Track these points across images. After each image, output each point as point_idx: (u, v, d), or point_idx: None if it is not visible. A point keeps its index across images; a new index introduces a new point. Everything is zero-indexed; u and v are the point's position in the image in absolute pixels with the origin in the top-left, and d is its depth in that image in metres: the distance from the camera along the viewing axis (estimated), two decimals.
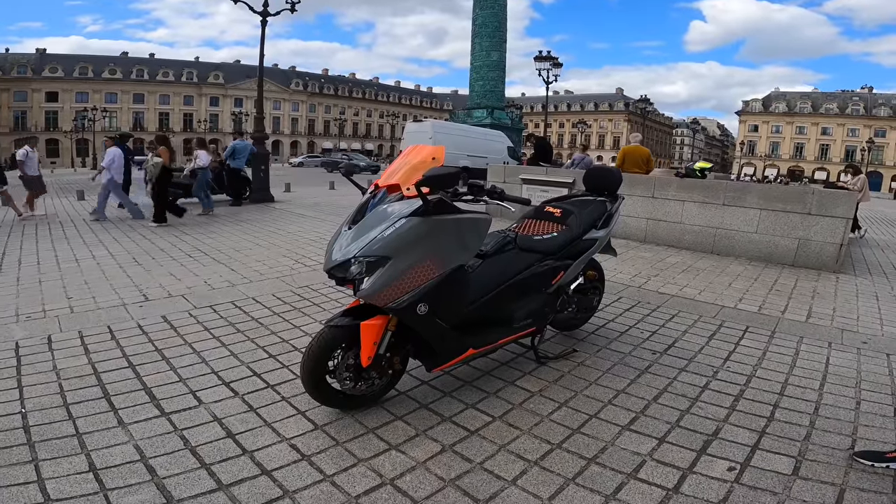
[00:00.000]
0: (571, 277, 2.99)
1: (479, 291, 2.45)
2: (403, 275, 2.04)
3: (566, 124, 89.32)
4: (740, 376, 3.04)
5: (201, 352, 3.15)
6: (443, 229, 2.12)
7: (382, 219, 2.09)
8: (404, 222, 2.05)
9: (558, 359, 3.13)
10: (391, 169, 2.29)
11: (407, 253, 2.05)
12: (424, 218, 2.06)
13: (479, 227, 2.27)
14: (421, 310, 2.17)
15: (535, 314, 2.75)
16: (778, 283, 5.39)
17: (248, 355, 3.12)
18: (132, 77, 66.85)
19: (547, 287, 2.79)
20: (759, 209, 6.43)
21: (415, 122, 22.46)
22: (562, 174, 8.31)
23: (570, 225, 2.93)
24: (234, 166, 10.57)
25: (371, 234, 2.05)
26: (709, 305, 4.45)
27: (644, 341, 3.54)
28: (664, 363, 3.19)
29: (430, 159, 2.19)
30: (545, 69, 22.11)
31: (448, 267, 2.17)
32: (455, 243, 2.18)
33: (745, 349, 3.48)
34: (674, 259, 6.24)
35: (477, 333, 2.48)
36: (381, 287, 2.04)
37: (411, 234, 2.05)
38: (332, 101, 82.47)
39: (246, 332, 3.50)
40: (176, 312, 3.85)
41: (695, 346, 3.49)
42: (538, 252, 2.72)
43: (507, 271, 2.57)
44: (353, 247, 2.06)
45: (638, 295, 4.66)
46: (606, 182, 3.37)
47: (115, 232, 7.38)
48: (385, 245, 2.03)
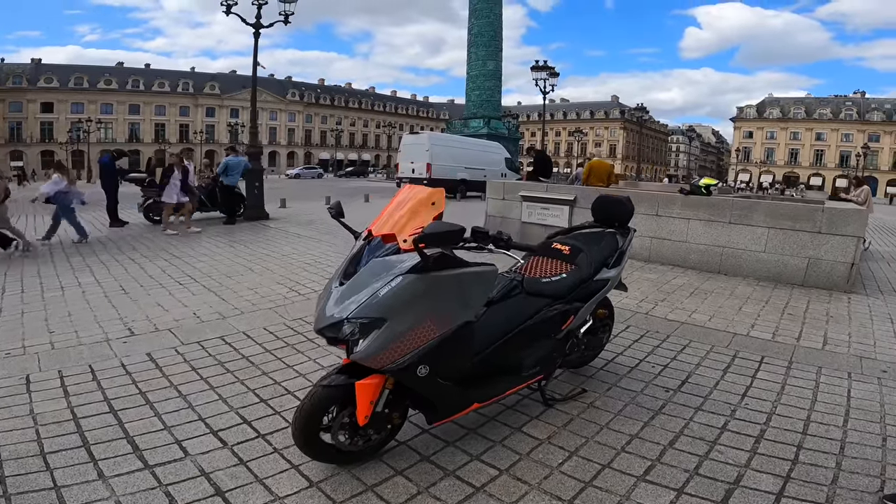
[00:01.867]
0: (582, 320, 2.81)
1: (484, 341, 2.27)
2: (401, 337, 1.87)
3: (563, 133, 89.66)
4: (760, 414, 2.88)
5: (188, 395, 2.95)
6: (444, 286, 1.94)
7: (377, 275, 1.91)
8: (401, 280, 1.87)
9: (566, 400, 2.94)
10: (386, 213, 2.10)
11: (404, 314, 1.87)
12: (423, 275, 1.88)
13: (485, 281, 2.09)
14: (421, 371, 2.00)
15: (543, 361, 2.57)
16: (790, 305, 5.22)
17: (238, 399, 2.93)
18: (128, 87, 66.88)
19: (556, 333, 2.61)
20: (767, 227, 6.27)
21: (412, 134, 22.37)
22: (563, 191, 8.13)
23: (579, 265, 2.75)
24: (227, 183, 10.37)
25: (365, 292, 1.88)
26: (721, 333, 4.27)
27: (656, 377, 3.36)
28: (679, 402, 3.02)
29: (430, 204, 2.01)
30: (542, 79, 22.06)
31: (451, 326, 2.00)
32: (458, 300, 2.00)
33: (762, 383, 3.32)
34: (680, 280, 6.06)
35: (482, 386, 2.30)
36: (377, 350, 1.87)
37: (409, 293, 1.87)
38: (329, 111, 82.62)
39: (236, 373, 3.30)
40: (162, 349, 3.64)
41: (709, 381, 3.31)
42: (546, 296, 2.54)
43: (514, 318, 2.39)
44: (346, 306, 1.88)
45: (646, 323, 4.47)
46: (617, 213, 3.18)
47: (104, 255, 7.16)
48: (380, 306, 1.85)
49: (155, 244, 7.97)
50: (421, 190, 2.13)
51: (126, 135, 66.90)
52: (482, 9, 31.09)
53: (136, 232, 9.33)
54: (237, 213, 10.88)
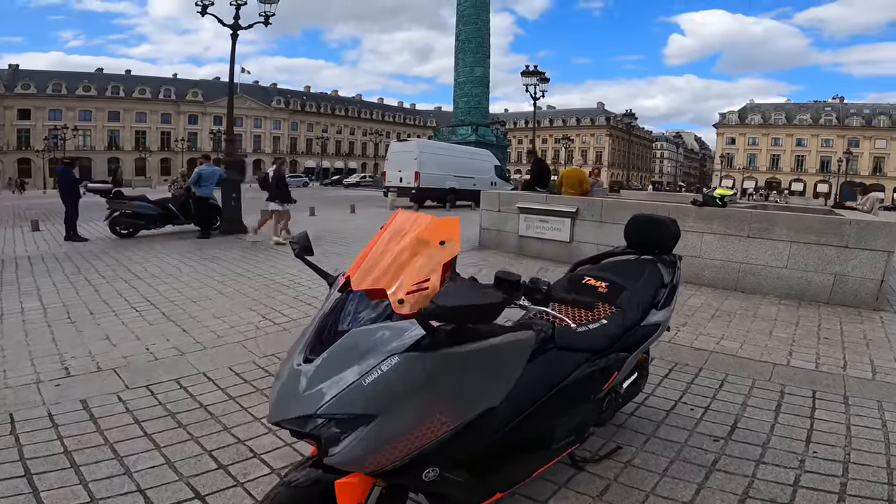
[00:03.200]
0: (626, 374, 2.22)
1: (507, 415, 1.64)
2: (398, 436, 1.28)
3: (549, 140, 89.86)
4: (834, 464, 2.42)
5: (126, 457, 2.37)
6: (458, 367, 1.33)
7: (361, 352, 1.29)
8: (397, 363, 1.25)
9: (600, 461, 2.37)
10: (373, 252, 1.46)
11: (403, 408, 1.27)
12: (428, 355, 1.28)
13: (517, 354, 1.49)
14: (428, 476, 1.40)
15: (579, 428, 1.99)
16: (822, 327, 4.72)
17: (189, 465, 2.33)
18: (107, 94, 65.10)
19: (596, 393, 2.02)
20: (789, 241, 5.77)
21: (399, 142, 21.73)
22: (564, 203, 7.59)
23: (623, 307, 2.15)
24: (200, 194, 9.62)
25: (343, 377, 1.26)
26: (758, 364, 3.74)
27: (698, 422, 2.82)
28: (733, 453, 2.50)
29: (437, 244, 1.33)
30: (532, 84, 21.67)
31: (467, 416, 1.39)
32: (478, 382, 1.39)
33: (823, 424, 2.84)
34: (697, 300, 5.53)
35: (504, 469, 1.70)
36: (363, 454, 1.26)
37: (408, 381, 1.26)
38: (315, 118, 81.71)
39: (189, 427, 2.67)
40: (100, 395, 3.02)
41: (763, 426, 2.80)
42: (583, 350, 1.93)
43: (545, 382, 1.77)
44: (314, 396, 1.26)
45: (671, 353, 3.90)
46: (659, 236, 2.57)
47: (58, 275, 6.41)
48: (366, 399, 1.24)
49: (118, 262, 7.23)
50: (423, 220, 1.46)
51: (105, 142, 65.27)
52: (470, 15, 30.82)
53: (99, 248, 8.58)
54: (212, 226, 10.16)
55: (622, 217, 6.85)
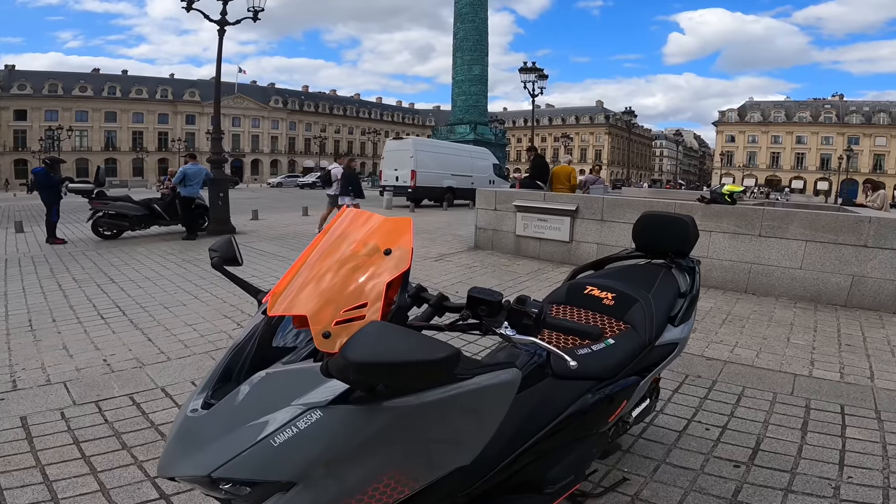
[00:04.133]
0: (637, 400, 1.86)
1: (492, 457, 1.28)
2: None
3: (548, 138, 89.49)
4: (873, 490, 2.11)
5: (56, 481, 2.11)
6: (409, 422, 0.98)
7: (273, 402, 0.94)
8: (318, 420, 0.90)
9: (604, 494, 2.02)
10: (302, 268, 1.09)
11: (330, 475, 0.92)
12: (364, 408, 0.92)
13: (493, 401, 1.11)
14: None
15: (579, 467, 1.60)
16: (843, 333, 4.38)
17: (127, 493, 2.03)
18: (104, 94, 64.73)
19: (601, 426, 1.65)
20: (804, 241, 5.41)
21: (395, 140, 21.36)
22: (563, 200, 7.23)
23: (633, 323, 1.77)
24: (185, 194, 9.24)
25: (245, 433, 0.92)
26: (778, 375, 3.40)
27: (716, 445, 2.47)
28: (757, 481, 2.17)
29: (382, 254, 1.01)
30: (530, 81, 21.31)
31: (430, 478, 1.04)
32: (442, 439, 1.04)
33: (855, 443, 2.51)
34: (706, 303, 5.16)
35: None
36: None
37: (335, 442, 0.91)
38: (313, 118, 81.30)
39: (135, 450, 2.36)
40: (44, 412, 2.73)
41: (789, 448, 2.46)
42: (585, 378, 1.54)
43: (539, 418, 1.40)
44: (209, 455, 0.91)
45: (683, 364, 3.53)
46: (673, 238, 2.17)
47: (30, 278, 6.07)
48: (277, 464, 0.89)
49: (95, 265, 6.88)
50: (370, 221, 1.12)
51: (102, 143, 64.93)
52: (468, 13, 30.54)
53: (79, 250, 8.23)
54: (200, 226, 9.80)
55: (625, 215, 6.54)
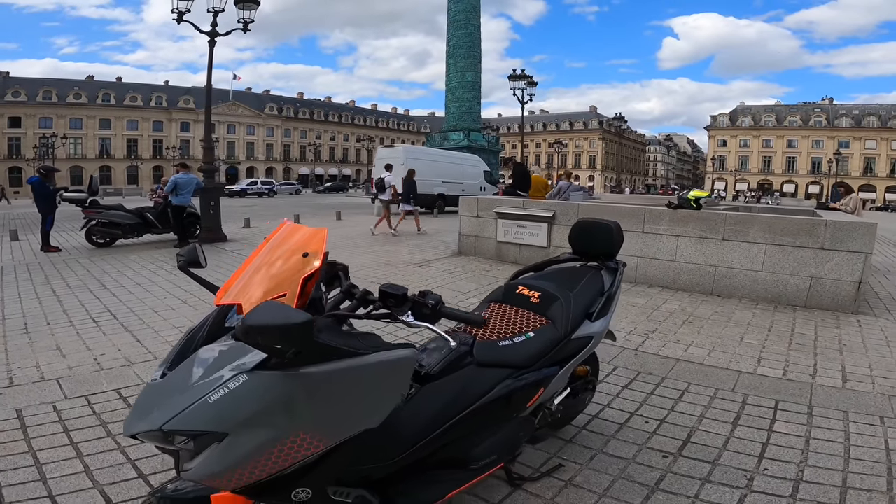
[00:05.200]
0: (557, 389, 2.10)
1: (417, 431, 1.56)
2: (255, 455, 1.19)
3: (543, 144, 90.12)
4: (784, 483, 2.29)
5: (45, 464, 2.36)
6: (321, 387, 1.24)
7: (211, 369, 1.21)
8: (243, 382, 1.17)
9: (540, 478, 2.26)
10: (246, 268, 1.39)
11: (255, 427, 1.18)
12: (280, 374, 1.19)
13: (393, 374, 1.37)
14: (298, 496, 1.32)
15: (502, 447, 1.86)
16: (796, 333, 4.63)
17: (108, 474, 2.28)
18: (98, 101, 64.70)
19: (520, 411, 1.91)
20: (765, 244, 5.70)
21: (386, 147, 21.68)
22: (541, 207, 7.50)
23: (553, 318, 2.04)
24: (176, 203, 9.47)
25: (189, 393, 1.18)
26: (723, 372, 3.64)
27: (651, 437, 2.70)
28: (680, 471, 2.37)
29: (300, 255, 1.29)
30: (520, 88, 21.65)
31: (339, 438, 1.30)
32: (349, 404, 1.29)
33: (781, 437, 2.71)
34: (671, 305, 5.44)
35: (411, 490, 1.60)
36: (218, 471, 1.18)
37: (257, 400, 1.17)
38: (308, 125, 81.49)
39: (118, 437, 2.60)
40: (37, 405, 2.98)
41: (717, 440, 2.68)
42: (505, 366, 1.82)
43: (461, 399, 1.66)
44: (161, 411, 1.18)
45: (636, 362, 3.80)
46: (601, 242, 2.48)
47: (25, 284, 6.28)
48: (212, 417, 1.15)
49: (88, 272, 7.10)
50: (296, 231, 1.42)
51: (97, 150, 64.85)
52: (461, 20, 30.88)
53: (73, 257, 8.43)
54: (192, 234, 10.01)
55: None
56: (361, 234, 11.66)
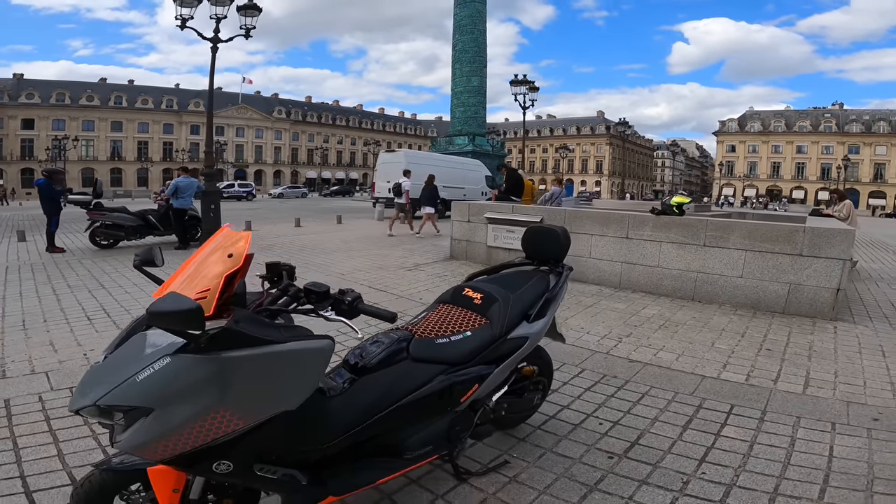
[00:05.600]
0: (492, 388, 2.23)
1: (347, 421, 1.72)
2: (178, 429, 1.36)
3: (549, 149, 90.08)
4: (717, 487, 2.35)
5: (23, 448, 2.55)
6: (236, 371, 1.41)
7: (140, 351, 1.40)
8: (167, 363, 1.35)
9: (486, 473, 2.38)
10: (186, 266, 1.57)
11: (177, 404, 1.35)
12: (199, 357, 1.36)
13: (309, 363, 1.53)
14: (220, 468, 1.48)
15: (437, 439, 2.01)
16: (768, 338, 4.72)
17: (80, 457, 2.47)
18: (111, 104, 65.59)
19: (454, 405, 2.04)
20: (745, 250, 5.79)
21: (388, 152, 21.85)
22: (529, 213, 7.64)
23: (491, 319, 2.18)
24: (177, 206, 9.71)
25: (122, 373, 1.36)
26: (687, 376, 3.74)
27: (601, 438, 2.79)
28: (622, 472, 2.46)
29: (225, 256, 1.47)
30: (521, 94, 21.75)
31: (259, 417, 1.47)
32: (264, 387, 1.46)
33: (727, 441, 2.79)
34: (651, 311, 5.54)
35: (342, 474, 1.75)
36: (145, 443, 1.36)
37: (177, 379, 1.35)
38: (316, 128, 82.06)
39: (95, 426, 2.75)
40: (24, 395, 3.19)
41: (664, 442, 2.76)
42: (440, 362, 1.96)
43: (394, 391, 1.82)
44: (97, 389, 1.36)
45: (604, 365, 3.91)
46: (550, 247, 2.63)
47: (28, 284, 6.51)
48: (138, 393, 1.33)
49: (89, 273, 7.33)
50: (227, 236, 1.59)
51: (108, 152, 65.77)
52: (466, 25, 31.07)
53: (76, 258, 8.69)
54: (193, 237, 10.24)
55: (584, 226, 6.94)
56: (359, 238, 11.85)
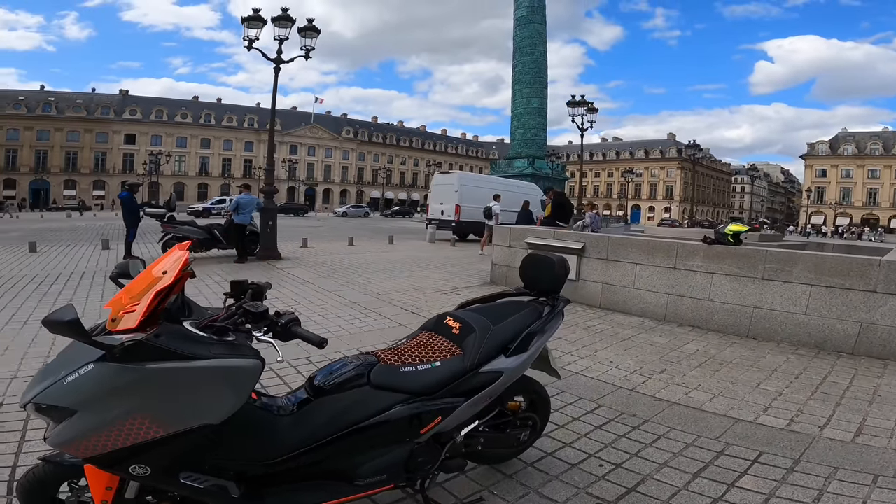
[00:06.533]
0: (461, 421, 2.09)
1: (295, 441, 1.71)
2: (97, 431, 1.45)
3: (615, 173, 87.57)
4: None
5: None
6: (155, 382, 1.47)
7: (72, 356, 1.51)
8: (90, 370, 1.44)
9: None
10: (133, 282, 1.64)
11: (97, 408, 1.44)
12: (117, 366, 1.44)
13: (228, 382, 1.55)
14: (136, 471, 1.53)
15: (392, 469, 1.92)
16: (827, 381, 4.21)
17: None
18: (201, 122, 70.60)
19: (414, 436, 1.95)
20: (809, 285, 5.24)
21: (442, 174, 22.11)
22: (571, 239, 7.39)
23: (465, 350, 2.08)
24: (237, 221, 10.34)
25: (54, 375, 1.49)
26: (717, 418, 3.37)
27: (597, 481, 2.54)
28: None
29: (160, 273, 1.55)
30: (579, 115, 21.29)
31: (177, 427, 1.51)
32: (184, 400, 1.51)
33: (738, 493, 2.45)
34: (695, 346, 5.13)
35: (283, 492, 1.74)
36: (69, 440, 1.47)
37: (96, 385, 1.44)
38: (381, 149, 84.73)
39: None
40: None
41: (666, 491, 2.46)
42: (401, 391, 1.89)
43: (347, 416, 1.78)
44: (33, 389, 1.50)
45: (625, 403, 3.61)
46: (544, 277, 2.48)
47: (96, 289, 7.16)
48: (63, 395, 1.45)
49: None
50: (169, 256, 1.66)
51: (197, 168, 70.93)
52: (526, 46, 31.24)
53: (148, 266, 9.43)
54: (252, 251, 10.82)
55: (629, 255, 6.62)
56: (405, 259, 12.00)
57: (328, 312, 6.08)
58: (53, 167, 63.32)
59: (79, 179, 64.25)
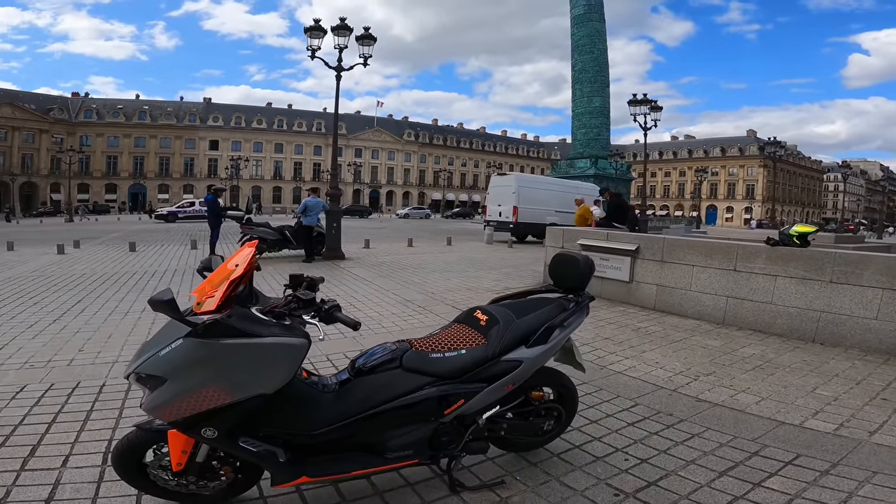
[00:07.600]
0: (482, 406, 2.28)
1: (333, 415, 2.02)
2: (181, 397, 1.80)
3: (688, 172, 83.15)
4: None
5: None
6: (226, 355, 1.81)
7: (169, 332, 1.88)
8: (179, 344, 1.79)
9: (479, 490, 2.41)
10: (216, 271, 1.99)
11: (182, 377, 1.79)
12: (198, 341, 1.78)
13: (281, 357, 1.87)
14: (207, 433, 1.88)
15: (418, 446, 2.17)
16: (890, 387, 3.98)
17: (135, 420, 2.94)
18: (274, 127, 75.01)
19: (439, 416, 2.19)
20: (881, 288, 4.92)
21: (499, 175, 22.07)
22: (625, 240, 7.30)
23: (489, 340, 2.29)
24: (305, 223, 11.07)
25: (152, 350, 1.85)
26: (759, 421, 3.29)
27: (619, 474, 2.60)
28: None
29: (234, 265, 1.89)
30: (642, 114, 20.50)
31: (240, 396, 1.84)
32: (246, 371, 1.84)
33: (763, 493, 2.44)
34: (751, 350, 4.97)
35: (320, 461, 2.05)
36: (159, 405, 1.83)
37: (183, 357, 1.79)
38: (441, 151, 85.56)
39: None
40: None
41: (687, 486, 2.49)
42: (429, 374, 2.15)
43: (381, 395, 2.07)
44: (136, 361, 1.87)
45: (665, 402, 3.60)
46: (570, 275, 2.63)
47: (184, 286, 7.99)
48: (158, 366, 1.80)
49: None
50: (240, 252, 1.99)
51: (271, 172, 75.34)
52: (585, 45, 30.47)
53: None
54: (318, 252, 11.52)
55: (685, 257, 6.49)
56: (461, 260, 12.28)
57: (383, 309, 6.46)
58: (149, 172, 69.81)
59: (171, 184, 70.24)
